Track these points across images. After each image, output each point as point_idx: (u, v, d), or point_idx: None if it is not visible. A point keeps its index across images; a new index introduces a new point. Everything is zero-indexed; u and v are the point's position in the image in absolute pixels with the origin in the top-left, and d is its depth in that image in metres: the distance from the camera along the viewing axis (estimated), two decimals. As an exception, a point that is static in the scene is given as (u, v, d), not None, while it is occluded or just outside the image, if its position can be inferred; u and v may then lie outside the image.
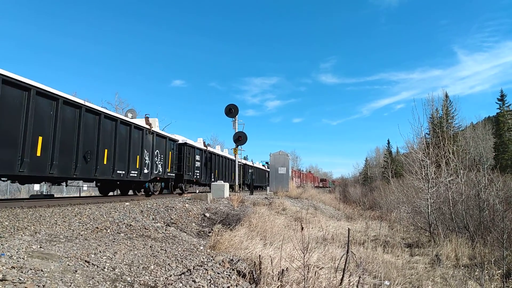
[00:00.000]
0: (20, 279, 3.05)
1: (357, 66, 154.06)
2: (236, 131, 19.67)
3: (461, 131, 37.79)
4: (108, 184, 13.27)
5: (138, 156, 12.74)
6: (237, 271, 4.91)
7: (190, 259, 5.18)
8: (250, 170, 28.42)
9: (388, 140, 64.93)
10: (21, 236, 4.79)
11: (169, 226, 7.73)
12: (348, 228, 6.48)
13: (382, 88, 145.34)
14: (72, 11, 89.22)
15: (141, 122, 13.51)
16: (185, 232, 7.66)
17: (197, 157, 19.17)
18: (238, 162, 20.00)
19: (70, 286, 3.25)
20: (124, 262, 4.42)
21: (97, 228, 6.22)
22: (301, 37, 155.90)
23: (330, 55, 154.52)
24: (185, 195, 15.45)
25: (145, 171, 13.29)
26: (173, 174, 16.03)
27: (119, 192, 14.74)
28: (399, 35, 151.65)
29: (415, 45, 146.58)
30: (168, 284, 3.95)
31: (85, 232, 5.83)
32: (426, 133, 26.09)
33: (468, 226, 10.44)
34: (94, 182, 12.20)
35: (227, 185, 15.43)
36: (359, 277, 5.16)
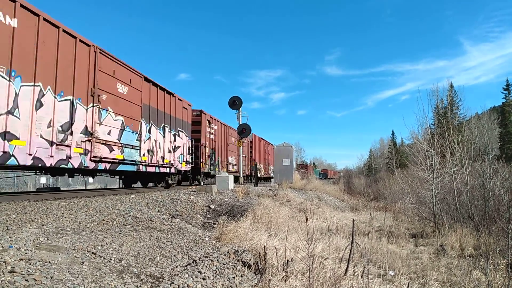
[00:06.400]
0: (28, 271, 3.09)
1: (362, 57, 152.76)
2: (240, 123, 19.64)
3: (466, 121, 37.35)
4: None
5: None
6: (242, 262, 4.94)
7: (196, 250, 5.21)
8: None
9: (392, 131, 64.58)
10: (29, 228, 4.85)
11: (174, 218, 7.78)
12: (353, 219, 6.49)
13: (387, 79, 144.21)
14: (77, 6, 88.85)
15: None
16: (191, 224, 7.71)
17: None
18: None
19: (78, 277, 3.29)
20: (131, 254, 4.46)
21: (103, 220, 6.28)
22: (305, 29, 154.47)
23: (334, 47, 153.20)
24: (190, 187, 15.52)
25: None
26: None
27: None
28: (404, 26, 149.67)
29: (421, 36, 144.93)
30: (174, 275, 3.98)
31: (92, 225, 5.89)
32: (431, 124, 25.95)
33: (473, 216, 10.41)
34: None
35: (231, 177, 15.46)
36: (364, 267, 5.19)
